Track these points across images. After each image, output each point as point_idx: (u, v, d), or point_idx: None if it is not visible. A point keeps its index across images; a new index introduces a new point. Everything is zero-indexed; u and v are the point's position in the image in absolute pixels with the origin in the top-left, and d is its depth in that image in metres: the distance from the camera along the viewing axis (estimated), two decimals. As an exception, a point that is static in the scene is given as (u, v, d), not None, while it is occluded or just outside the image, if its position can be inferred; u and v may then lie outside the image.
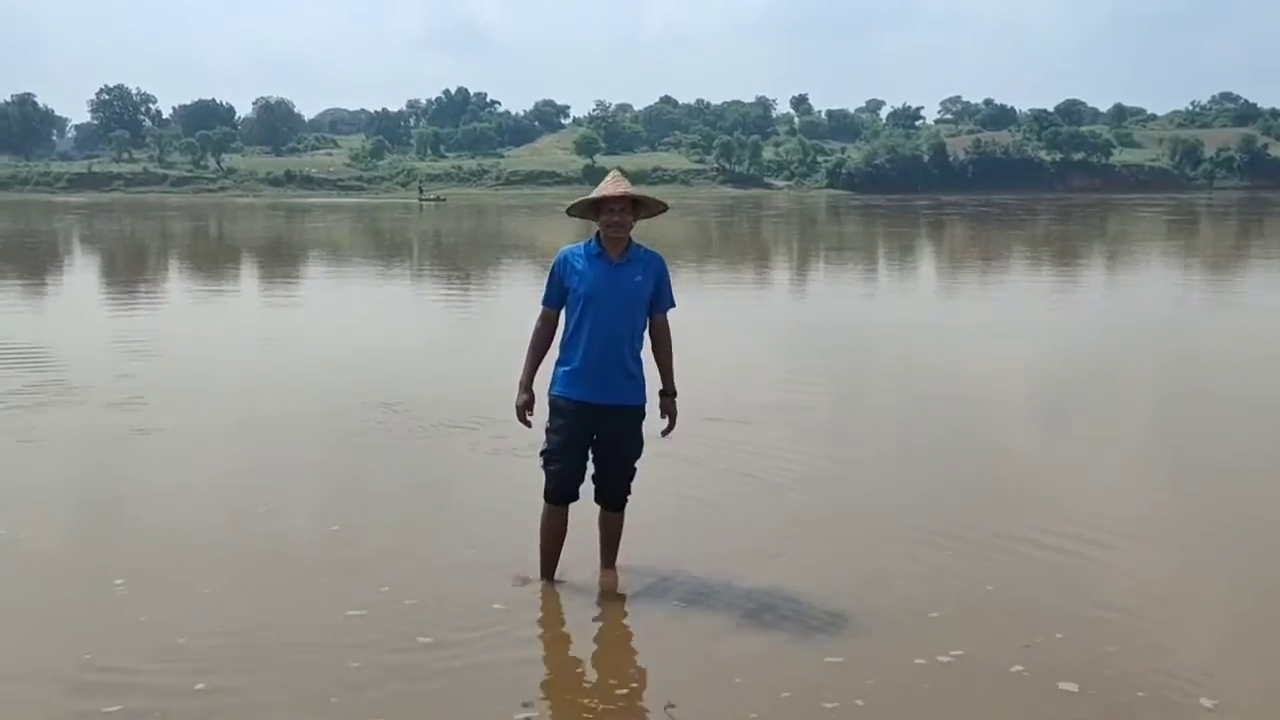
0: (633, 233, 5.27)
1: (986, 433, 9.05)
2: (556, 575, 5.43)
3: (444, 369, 11.82)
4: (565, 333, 5.26)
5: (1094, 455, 8.25)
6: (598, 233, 5.21)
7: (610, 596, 5.37)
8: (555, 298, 5.26)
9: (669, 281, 5.31)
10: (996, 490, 7.27)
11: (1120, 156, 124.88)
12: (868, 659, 4.69)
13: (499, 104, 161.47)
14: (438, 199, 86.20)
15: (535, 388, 5.29)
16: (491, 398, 8.58)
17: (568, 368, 5.21)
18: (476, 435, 8.48)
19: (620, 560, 5.56)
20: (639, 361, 5.26)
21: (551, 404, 5.28)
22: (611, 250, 5.17)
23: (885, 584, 5.50)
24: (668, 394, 5.38)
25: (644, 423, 5.32)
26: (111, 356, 12.37)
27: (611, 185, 5.16)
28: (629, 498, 5.43)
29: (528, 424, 5.31)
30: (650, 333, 5.31)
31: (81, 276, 25.86)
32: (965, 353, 13.22)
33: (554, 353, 5.32)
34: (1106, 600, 5.34)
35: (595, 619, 5.18)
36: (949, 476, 7.58)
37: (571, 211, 5.33)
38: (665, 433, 5.41)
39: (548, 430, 5.29)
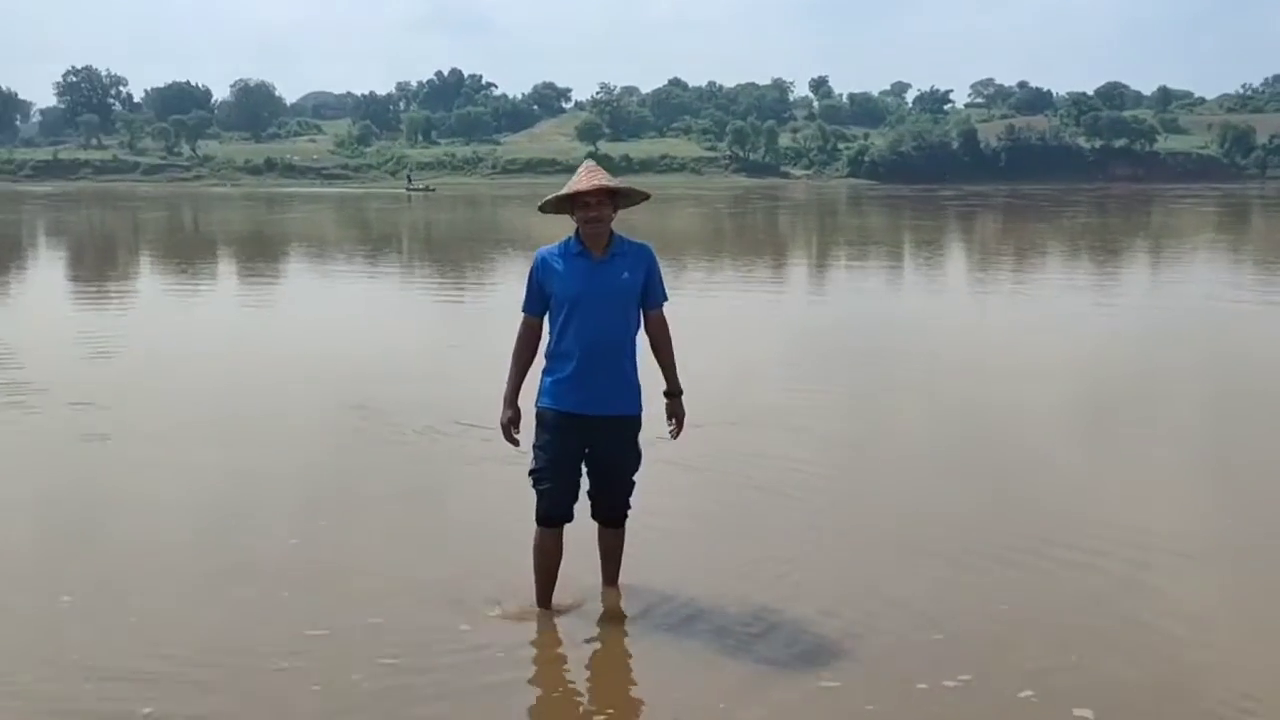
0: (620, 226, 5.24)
1: (1012, 440, 9.02)
2: (553, 602, 5.37)
3: (426, 370, 11.81)
4: (551, 340, 5.20)
5: (1124, 464, 8.23)
6: (577, 229, 5.13)
7: (610, 617, 5.35)
8: (537, 304, 5.21)
9: (660, 273, 5.25)
10: (1017, 501, 7.23)
11: (1165, 144, 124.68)
12: (867, 683, 4.68)
13: (495, 87, 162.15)
14: (426, 188, 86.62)
15: (522, 401, 5.24)
16: (476, 402, 8.58)
17: (555, 377, 5.13)
18: (459, 442, 8.48)
19: (621, 578, 5.54)
20: (635, 366, 5.19)
21: (539, 418, 5.17)
22: (593, 247, 5.09)
23: (895, 602, 5.48)
24: (673, 394, 5.32)
25: (643, 431, 5.28)
26: (70, 355, 12.41)
27: (585, 178, 5.05)
28: (629, 512, 5.39)
29: (515, 442, 5.23)
30: (646, 330, 5.25)
31: (42, 270, 25.89)
32: (990, 356, 13.18)
33: (539, 363, 5.27)
34: (1132, 618, 5.32)
35: (589, 639, 5.17)
36: (968, 487, 7.56)
37: (545, 209, 5.26)
38: (674, 434, 5.36)
39: (535, 447, 5.19)
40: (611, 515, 5.37)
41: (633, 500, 5.38)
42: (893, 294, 20.88)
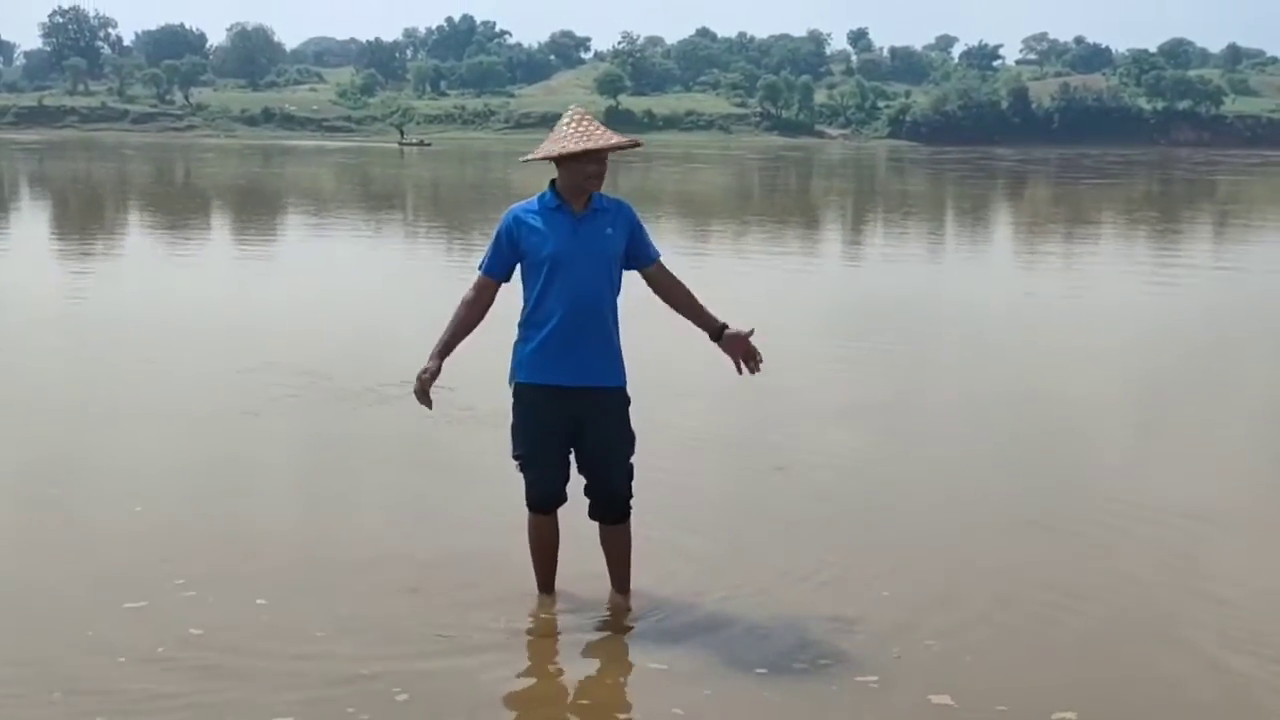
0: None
1: (1069, 438, 8.69)
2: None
3: (382, 334, 11.61)
4: (526, 306, 5.01)
5: (1194, 473, 7.84)
6: (553, 181, 5.00)
7: (616, 626, 5.13)
8: (501, 266, 5.01)
9: (643, 228, 5.12)
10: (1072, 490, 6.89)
11: (1233, 105, 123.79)
12: (869, 709, 4.47)
13: (509, 35, 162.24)
14: (420, 142, 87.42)
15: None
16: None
17: (533, 345, 4.95)
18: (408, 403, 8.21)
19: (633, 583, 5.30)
20: (618, 333, 5.05)
21: (517, 395, 5.03)
22: (575, 202, 4.95)
23: (911, 625, 5.18)
24: (721, 330, 5.08)
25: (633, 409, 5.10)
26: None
27: (590, 129, 4.89)
28: (631, 504, 5.13)
29: (428, 403, 5.03)
30: (655, 287, 5.14)
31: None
32: (1043, 342, 12.81)
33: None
34: (1187, 643, 5.03)
35: (585, 652, 4.95)
36: (1022, 493, 7.25)
37: (531, 159, 5.09)
38: (755, 367, 5.07)
39: (515, 428, 5.04)
40: (612, 509, 5.12)
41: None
42: (950, 274, 20.51)
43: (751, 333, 5.08)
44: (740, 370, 5.10)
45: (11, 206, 31.04)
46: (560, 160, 4.89)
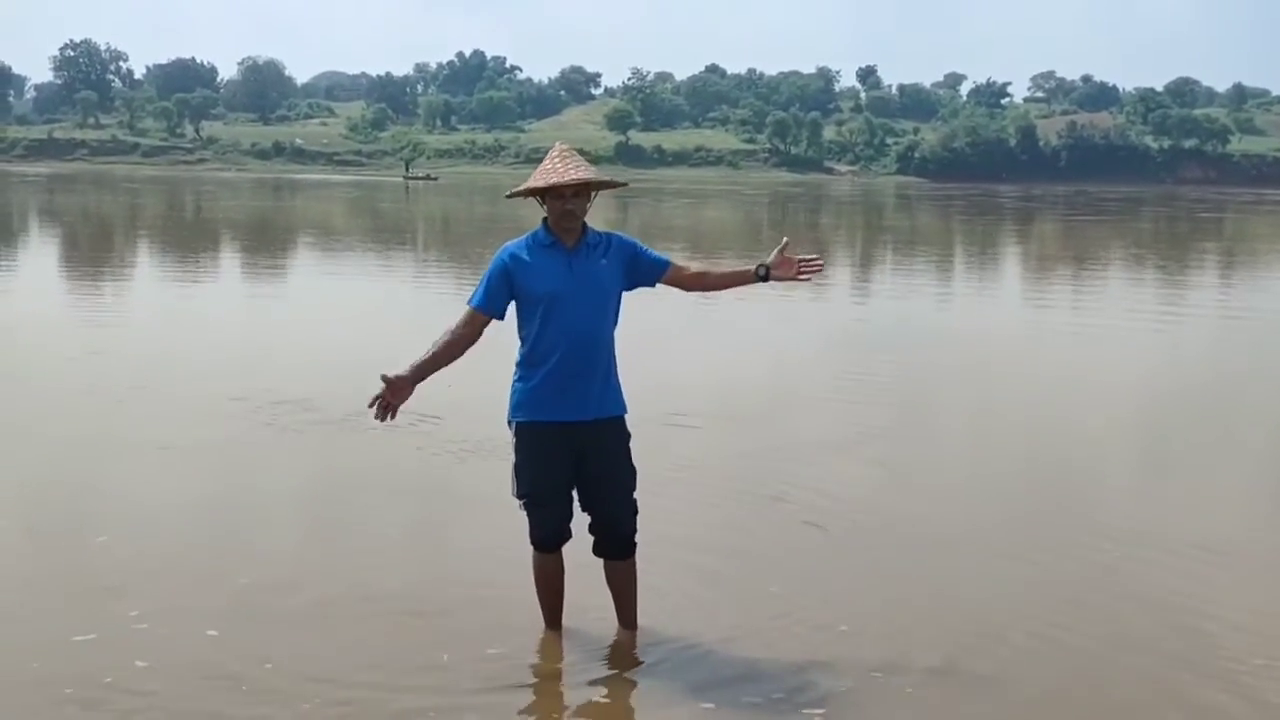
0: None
1: (1068, 472, 8.67)
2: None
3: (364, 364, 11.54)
4: (524, 345, 5.00)
5: (1197, 507, 7.82)
6: (545, 219, 4.97)
7: (623, 663, 5.08)
8: (495, 303, 4.97)
9: (643, 246, 5.12)
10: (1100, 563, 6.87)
11: (1239, 145, 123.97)
12: None
13: (520, 70, 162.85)
14: (427, 177, 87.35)
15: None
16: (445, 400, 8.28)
17: (534, 384, 4.94)
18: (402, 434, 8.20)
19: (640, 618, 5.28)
20: (615, 366, 5.06)
21: (518, 435, 4.99)
22: (565, 238, 4.95)
23: (936, 671, 5.12)
24: (765, 274, 5.07)
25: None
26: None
27: (560, 166, 4.89)
28: (637, 538, 5.11)
29: (384, 413, 4.89)
30: (683, 285, 5.18)
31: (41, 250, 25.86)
32: (1044, 373, 12.80)
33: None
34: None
35: (591, 689, 4.89)
36: (1043, 542, 7.13)
37: (515, 195, 5.08)
38: (812, 269, 5.05)
39: (518, 468, 5.01)
40: (617, 546, 5.10)
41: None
42: (959, 312, 20.50)
43: (786, 245, 5.07)
44: (806, 279, 5.11)
45: (19, 239, 31.14)
46: (544, 197, 4.92)
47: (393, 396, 4.89)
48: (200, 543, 6.50)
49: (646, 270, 5.07)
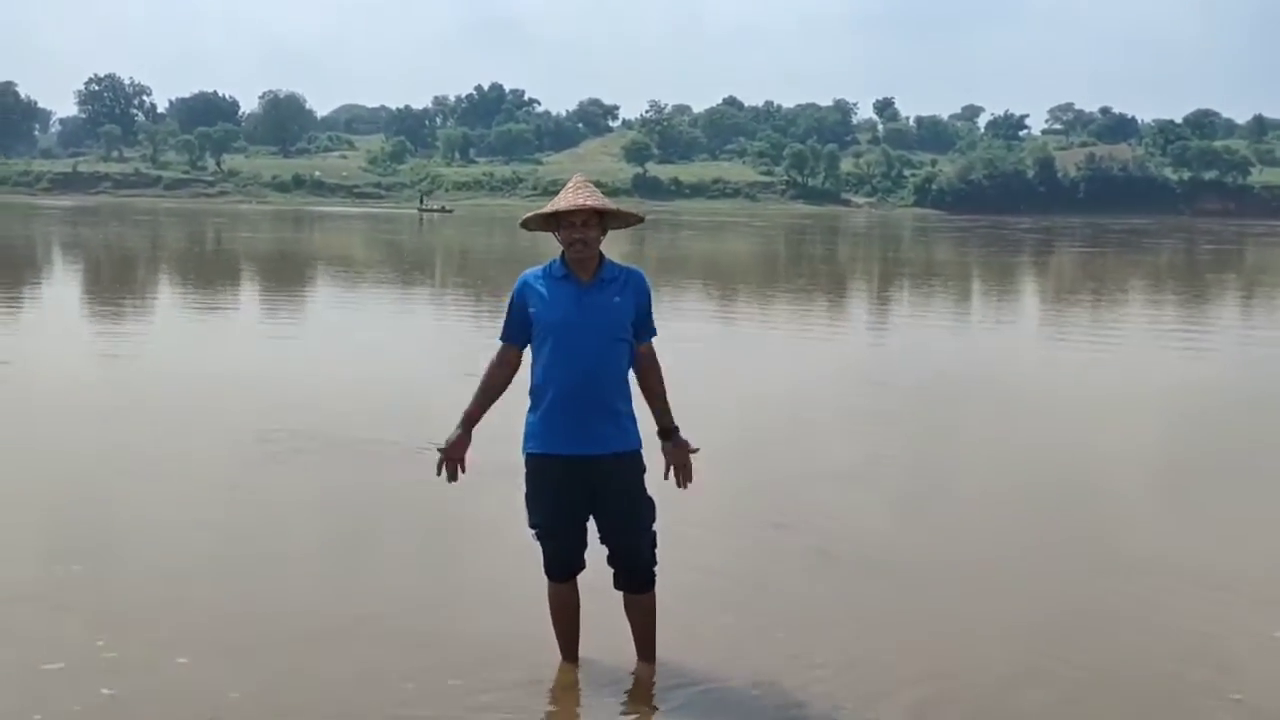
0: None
1: (1085, 502, 8.61)
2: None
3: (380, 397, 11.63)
4: (534, 374, 5.00)
5: (1216, 542, 7.77)
6: (562, 251, 4.95)
7: (641, 698, 5.06)
8: (518, 333, 5.01)
9: (651, 304, 5.05)
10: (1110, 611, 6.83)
11: (1260, 176, 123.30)
12: None
13: (538, 103, 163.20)
14: (443, 209, 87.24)
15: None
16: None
17: (539, 415, 4.94)
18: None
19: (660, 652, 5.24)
20: (628, 398, 4.98)
21: (528, 465, 5.00)
22: (580, 271, 4.91)
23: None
24: (668, 432, 5.06)
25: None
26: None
27: (571, 194, 4.88)
28: (655, 571, 5.08)
29: (453, 474, 4.99)
30: (635, 363, 5.03)
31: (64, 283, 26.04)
32: (1059, 406, 12.74)
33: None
34: None
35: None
36: (1062, 583, 7.08)
37: (528, 225, 5.08)
38: (682, 482, 5.06)
39: (529, 499, 5.01)
40: (635, 580, 5.06)
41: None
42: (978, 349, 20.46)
43: (695, 451, 5.06)
44: (666, 477, 5.09)
45: (44, 271, 31.39)
46: (557, 227, 4.90)
47: (453, 453, 4.97)
48: (179, 573, 6.42)
49: (638, 328, 5.00)
